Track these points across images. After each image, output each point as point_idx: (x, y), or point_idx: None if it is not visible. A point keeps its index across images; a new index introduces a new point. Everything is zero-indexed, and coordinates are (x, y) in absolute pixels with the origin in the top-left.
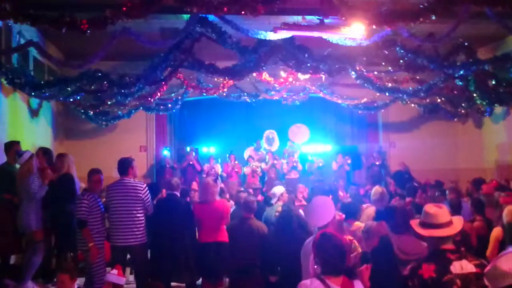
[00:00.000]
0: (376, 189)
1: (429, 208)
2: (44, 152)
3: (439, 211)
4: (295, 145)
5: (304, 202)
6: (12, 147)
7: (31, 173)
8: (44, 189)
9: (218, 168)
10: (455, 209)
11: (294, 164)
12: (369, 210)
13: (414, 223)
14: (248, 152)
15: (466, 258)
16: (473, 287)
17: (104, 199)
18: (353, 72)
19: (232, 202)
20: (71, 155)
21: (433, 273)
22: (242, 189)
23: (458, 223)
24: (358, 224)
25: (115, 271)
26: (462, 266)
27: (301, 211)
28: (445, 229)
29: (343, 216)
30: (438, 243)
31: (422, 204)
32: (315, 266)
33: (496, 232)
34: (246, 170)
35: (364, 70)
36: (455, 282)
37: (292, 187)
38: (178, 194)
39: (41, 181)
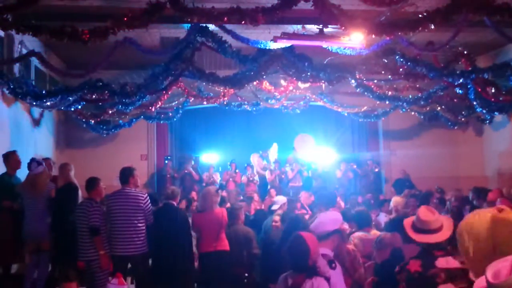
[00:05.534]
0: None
1: (422, 214)
2: (53, 163)
3: (432, 218)
4: (298, 154)
5: (304, 210)
6: (13, 156)
7: (49, 183)
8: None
9: (217, 177)
10: (456, 218)
11: (301, 170)
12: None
13: (408, 224)
14: (254, 158)
15: (452, 256)
16: (459, 280)
17: (104, 208)
18: (353, 81)
19: None
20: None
21: (419, 267)
22: (241, 197)
23: (448, 227)
24: (376, 233)
25: (115, 280)
26: (448, 262)
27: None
28: (436, 235)
29: (347, 226)
30: (429, 247)
31: None
32: None
33: None
34: (243, 178)
35: (364, 79)
36: (439, 276)
37: (295, 195)
38: (175, 204)
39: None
